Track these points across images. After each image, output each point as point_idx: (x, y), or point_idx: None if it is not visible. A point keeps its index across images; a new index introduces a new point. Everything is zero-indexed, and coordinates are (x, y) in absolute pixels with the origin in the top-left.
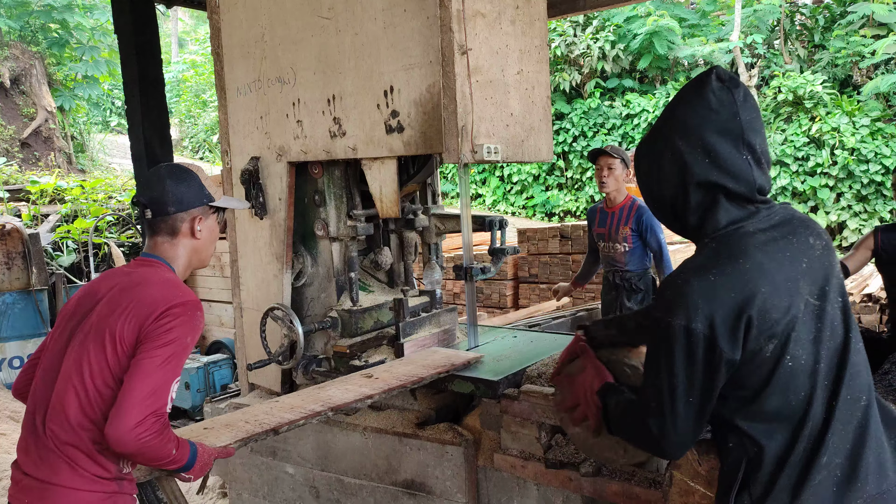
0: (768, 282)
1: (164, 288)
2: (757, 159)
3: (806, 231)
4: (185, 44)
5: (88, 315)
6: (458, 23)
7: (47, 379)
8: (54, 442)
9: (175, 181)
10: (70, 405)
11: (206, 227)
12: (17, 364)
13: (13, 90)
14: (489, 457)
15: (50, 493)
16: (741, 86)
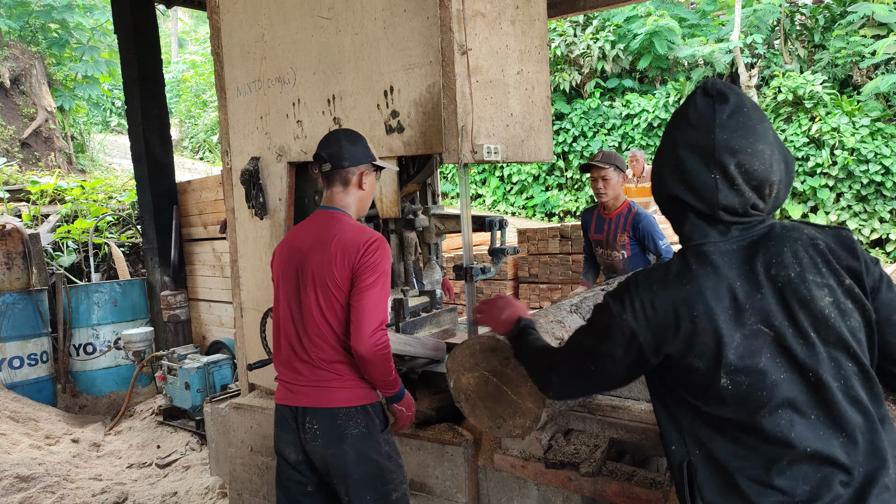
0: (703, 307)
1: (355, 232)
2: (729, 178)
3: (782, 262)
4: (185, 44)
5: (304, 267)
6: (458, 23)
7: (295, 321)
8: (321, 364)
9: (349, 142)
10: (324, 337)
11: (369, 180)
12: (18, 364)
13: (13, 90)
14: (489, 457)
15: (325, 393)
16: (730, 101)
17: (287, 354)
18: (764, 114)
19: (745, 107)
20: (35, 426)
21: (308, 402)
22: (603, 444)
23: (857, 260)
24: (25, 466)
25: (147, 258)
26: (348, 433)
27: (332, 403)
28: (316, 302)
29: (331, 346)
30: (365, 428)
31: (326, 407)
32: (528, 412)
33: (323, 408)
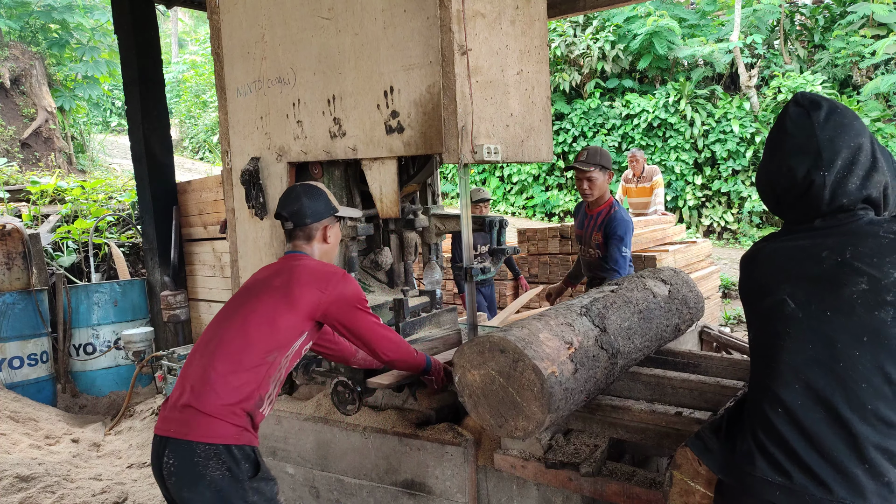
0: (759, 274)
1: (322, 266)
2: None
3: (843, 250)
4: (185, 44)
5: (254, 289)
6: (458, 23)
7: (209, 342)
8: (205, 384)
9: (309, 198)
10: (232, 353)
11: (333, 233)
12: (17, 364)
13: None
14: (489, 457)
15: (190, 422)
16: (823, 107)
17: (182, 373)
18: (855, 113)
19: (837, 108)
20: (35, 426)
21: (171, 432)
22: (603, 444)
23: None
24: (25, 466)
25: (147, 258)
26: (206, 475)
27: (193, 436)
28: (248, 316)
29: (219, 370)
30: (228, 472)
31: (187, 440)
32: (531, 416)
33: (182, 440)
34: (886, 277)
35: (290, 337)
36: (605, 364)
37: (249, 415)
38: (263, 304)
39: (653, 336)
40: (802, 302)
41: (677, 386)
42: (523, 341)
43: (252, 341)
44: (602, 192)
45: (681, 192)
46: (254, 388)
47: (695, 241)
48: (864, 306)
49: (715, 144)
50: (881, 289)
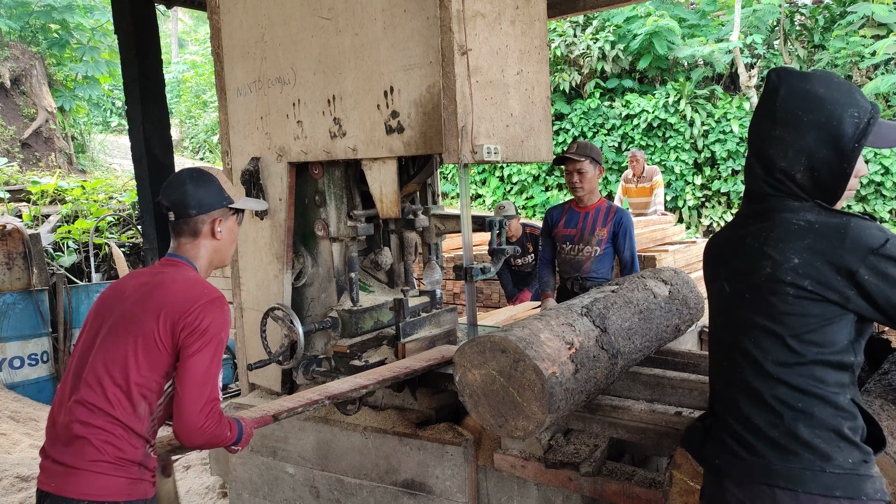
0: (713, 259)
1: (189, 287)
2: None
3: (758, 234)
4: (185, 44)
5: (115, 313)
6: (458, 23)
7: (77, 374)
8: (85, 428)
9: (195, 185)
10: (99, 396)
11: (226, 227)
12: (18, 364)
13: (13, 90)
14: (489, 457)
15: (73, 476)
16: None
17: (51, 420)
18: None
19: (798, 89)
20: (35, 426)
21: (53, 488)
22: (603, 444)
23: (845, 259)
24: (26, 466)
25: (147, 258)
26: None
27: (76, 494)
28: (108, 355)
29: (96, 412)
30: None
31: (69, 497)
32: (531, 416)
33: (64, 497)
34: (786, 262)
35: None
36: (606, 364)
37: (139, 464)
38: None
39: (653, 336)
40: (733, 286)
41: (677, 386)
42: (524, 341)
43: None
44: (592, 187)
45: (681, 192)
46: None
47: (695, 241)
48: (767, 289)
49: (715, 144)
50: (781, 272)
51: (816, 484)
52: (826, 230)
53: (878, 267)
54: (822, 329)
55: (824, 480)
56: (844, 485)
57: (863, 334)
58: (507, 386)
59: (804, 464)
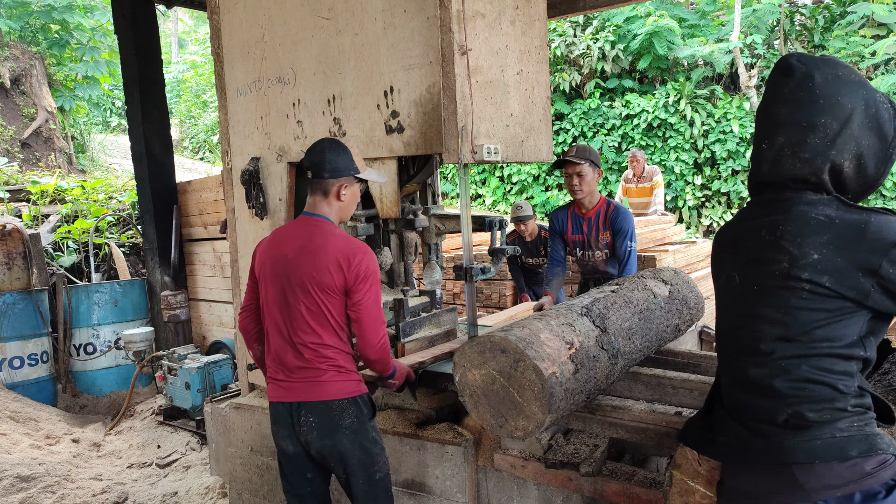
0: (724, 249)
1: (343, 241)
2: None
3: (774, 228)
4: (185, 44)
5: (292, 274)
6: (458, 23)
7: (283, 325)
8: (313, 361)
9: (333, 153)
10: (314, 339)
11: (350, 192)
12: (18, 364)
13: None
14: (489, 457)
15: (319, 387)
16: (797, 71)
17: (277, 354)
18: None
19: (814, 78)
20: (35, 426)
21: (303, 397)
22: (603, 444)
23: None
24: (26, 466)
25: (147, 258)
26: (343, 423)
27: (326, 396)
28: (307, 308)
29: (320, 346)
30: (356, 418)
31: (321, 400)
32: (531, 416)
33: (318, 401)
34: (804, 257)
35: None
36: (606, 364)
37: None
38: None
39: (653, 336)
40: (743, 278)
41: (677, 386)
42: (524, 341)
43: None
44: (591, 190)
45: (681, 192)
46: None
47: (695, 241)
48: (780, 283)
49: (715, 144)
50: (798, 267)
51: (830, 451)
52: (846, 226)
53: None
54: (832, 325)
55: (837, 444)
56: (857, 444)
57: (876, 332)
58: (507, 386)
59: (813, 435)
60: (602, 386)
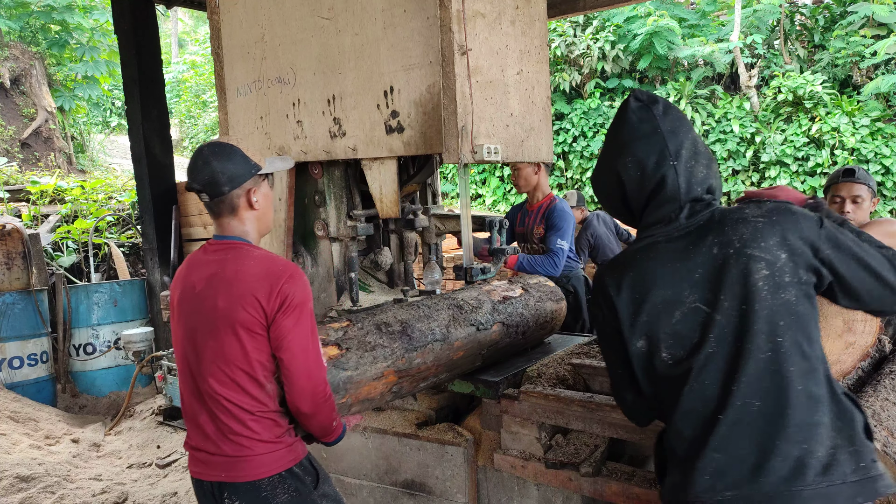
0: (656, 287)
1: (262, 264)
2: (682, 170)
3: (716, 239)
4: (185, 44)
5: (200, 309)
6: (458, 23)
7: (194, 375)
8: (231, 426)
9: (221, 160)
10: (230, 393)
11: (261, 195)
12: (17, 364)
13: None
14: (489, 457)
15: (243, 463)
16: (659, 102)
17: (190, 414)
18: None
19: (670, 104)
20: (35, 426)
21: (225, 477)
22: (603, 444)
23: (804, 231)
24: (25, 466)
25: (147, 258)
26: (278, 503)
27: (252, 475)
28: (219, 354)
29: (238, 404)
30: (295, 493)
31: (247, 481)
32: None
33: (242, 483)
34: (778, 260)
35: (267, 358)
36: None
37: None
38: (222, 347)
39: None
40: (713, 303)
41: None
42: None
43: (239, 385)
44: (532, 185)
45: None
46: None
47: None
48: (770, 291)
49: (715, 144)
50: (778, 271)
51: (841, 497)
52: (782, 216)
53: (830, 239)
54: (816, 323)
55: (846, 492)
56: (864, 490)
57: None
58: None
59: (831, 479)
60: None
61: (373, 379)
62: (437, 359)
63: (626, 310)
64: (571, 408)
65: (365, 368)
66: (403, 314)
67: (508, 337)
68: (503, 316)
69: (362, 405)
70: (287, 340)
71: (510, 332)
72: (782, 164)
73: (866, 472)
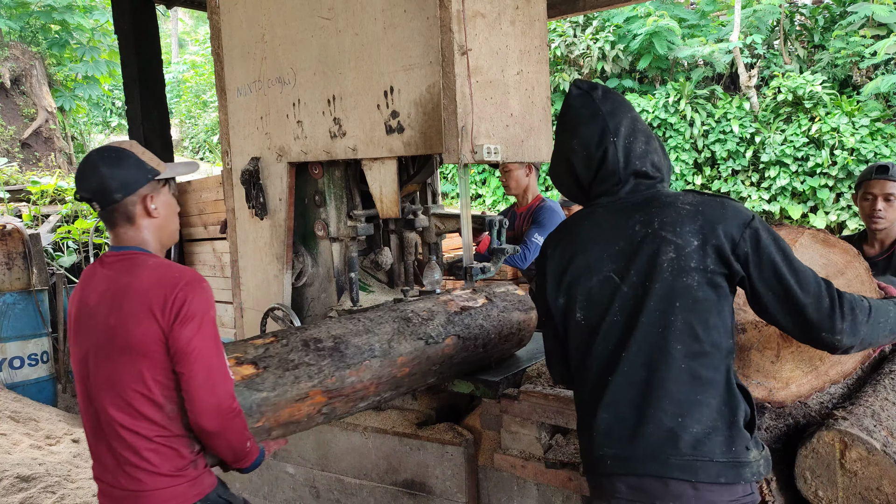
0: (583, 251)
1: (158, 273)
2: (622, 149)
3: (641, 218)
4: (185, 44)
5: (92, 327)
6: (458, 23)
7: (92, 400)
8: (130, 459)
9: (111, 166)
10: (129, 421)
11: (161, 202)
12: (18, 364)
13: (13, 90)
14: (489, 457)
15: (145, 499)
16: (599, 87)
17: (90, 443)
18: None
19: (610, 89)
20: (35, 426)
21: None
22: None
23: (727, 227)
24: (26, 466)
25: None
26: None
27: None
28: (113, 376)
29: (137, 431)
30: None
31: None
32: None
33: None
34: (688, 245)
35: (167, 377)
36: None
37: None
38: (116, 368)
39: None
40: (623, 275)
41: None
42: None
43: (136, 410)
44: (523, 187)
45: None
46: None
47: None
48: (673, 273)
49: (715, 144)
50: (685, 256)
51: (704, 473)
52: (710, 207)
53: (752, 238)
54: (719, 312)
55: (711, 470)
56: (728, 472)
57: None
58: None
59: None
60: None
61: (295, 400)
62: (376, 376)
63: (555, 268)
64: (571, 408)
65: (285, 389)
66: (339, 328)
67: (465, 350)
68: (459, 328)
69: (285, 429)
70: (186, 353)
71: (467, 345)
72: (782, 165)
73: (735, 457)
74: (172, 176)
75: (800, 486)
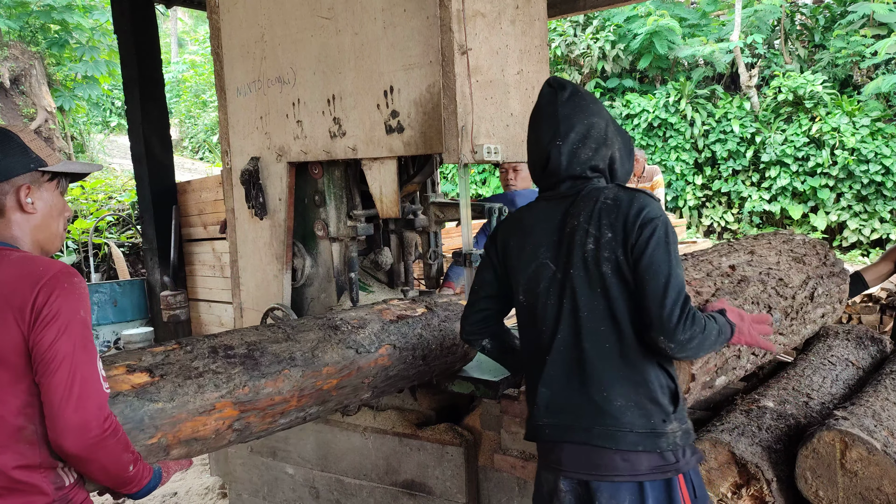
0: (526, 239)
1: (19, 267)
2: (568, 148)
3: (571, 211)
4: (184, 44)
5: None
6: (458, 23)
7: None
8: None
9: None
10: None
11: (41, 198)
12: None
13: (13, 90)
14: (489, 457)
15: None
16: (568, 87)
17: None
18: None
19: (580, 91)
20: None
21: None
22: None
23: (629, 220)
24: None
25: (147, 258)
26: None
27: None
28: None
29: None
30: None
31: None
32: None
33: None
34: (603, 237)
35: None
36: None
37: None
38: None
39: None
40: (556, 262)
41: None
42: None
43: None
44: (527, 185)
45: (681, 192)
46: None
47: (695, 241)
48: (593, 262)
49: (715, 144)
50: (601, 246)
51: (625, 442)
52: (623, 202)
53: (645, 231)
54: (634, 298)
55: (630, 439)
56: (645, 441)
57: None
58: None
59: (618, 425)
60: None
61: (199, 413)
62: (297, 388)
63: (502, 252)
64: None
65: (185, 399)
66: (254, 335)
67: (403, 362)
68: (395, 337)
69: (189, 447)
70: (47, 360)
71: (405, 356)
72: (782, 164)
73: (653, 428)
74: (64, 172)
75: (800, 486)
